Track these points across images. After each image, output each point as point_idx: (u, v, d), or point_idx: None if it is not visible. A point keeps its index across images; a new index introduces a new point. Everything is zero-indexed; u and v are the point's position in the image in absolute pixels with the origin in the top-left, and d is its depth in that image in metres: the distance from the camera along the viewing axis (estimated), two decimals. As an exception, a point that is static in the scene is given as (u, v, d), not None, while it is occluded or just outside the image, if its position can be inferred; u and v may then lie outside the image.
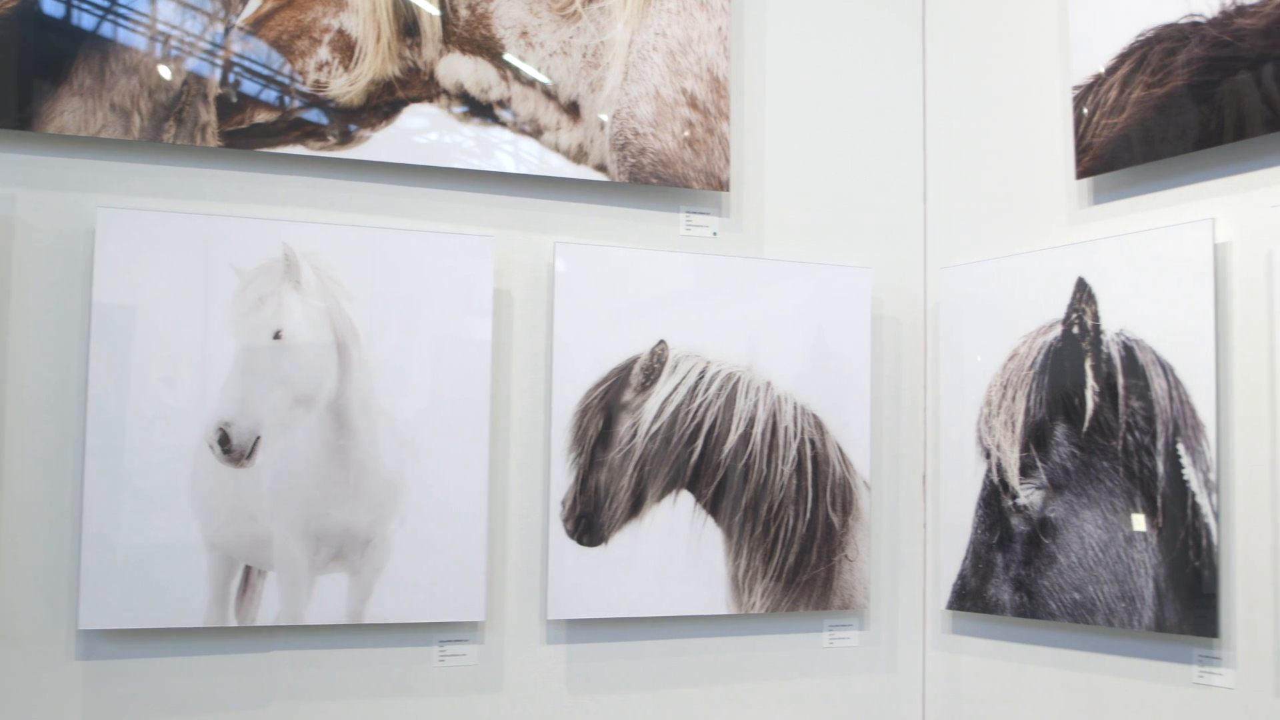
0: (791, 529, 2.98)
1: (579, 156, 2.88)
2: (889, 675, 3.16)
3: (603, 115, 2.90)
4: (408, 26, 2.76)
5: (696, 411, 2.91)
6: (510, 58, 2.83)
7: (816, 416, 3.03)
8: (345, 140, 2.72)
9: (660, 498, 2.88)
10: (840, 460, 3.04)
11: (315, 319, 2.64)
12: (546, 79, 2.86)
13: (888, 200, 3.28)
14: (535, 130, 2.85)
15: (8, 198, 2.55)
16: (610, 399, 2.86)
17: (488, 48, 2.82)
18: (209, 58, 2.62)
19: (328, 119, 2.71)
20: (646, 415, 2.88)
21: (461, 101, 2.81)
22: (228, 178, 2.70)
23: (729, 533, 2.93)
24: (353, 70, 2.72)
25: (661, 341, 2.91)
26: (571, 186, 2.95)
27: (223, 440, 2.56)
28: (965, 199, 3.19)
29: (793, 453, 2.99)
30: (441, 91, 2.79)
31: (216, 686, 2.63)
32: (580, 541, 2.83)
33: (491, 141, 2.83)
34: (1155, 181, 2.69)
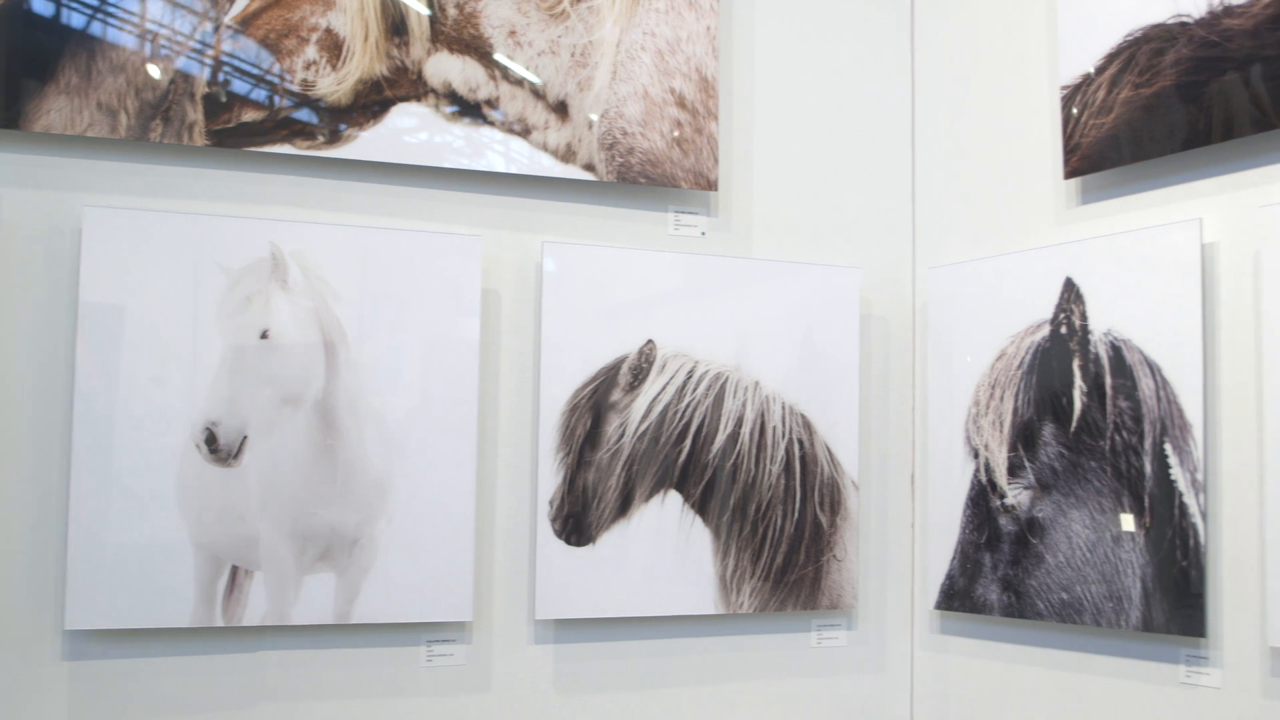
0: (780, 529, 2.98)
1: (567, 156, 2.87)
2: (877, 675, 3.16)
3: (591, 115, 2.90)
4: (395, 26, 2.76)
5: (685, 411, 2.91)
6: (499, 57, 2.83)
7: (805, 416, 3.03)
8: (333, 139, 2.72)
9: (648, 497, 2.88)
10: (828, 460, 3.04)
11: (302, 318, 2.64)
12: (535, 78, 2.85)
13: (876, 200, 3.28)
14: (523, 130, 2.85)
15: (-6, 197, 2.56)
16: (598, 399, 2.86)
17: (476, 47, 2.82)
18: (196, 56, 2.62)
19: (315, 118, 2.70)
20: (634, 415, 2.87)
21: (449, 101, 2.80)
22: (215, 177, 2.70)
23: (717, 532, 2.93)
24: (340, 69, 2.72)
25: (650, 341, 2.90)
26: (559, 186, 2.95)
27: (209, 440, 2.56)
28: (954, 199, 3.19)
29: (781, 452, 2.99)
30: (429, 91, 2.79)
31: (203, 687, 2.62)
32: (568, 541, 2.82)
33: (480, 141, 2.83)
34: (1143, 181, 2.69)
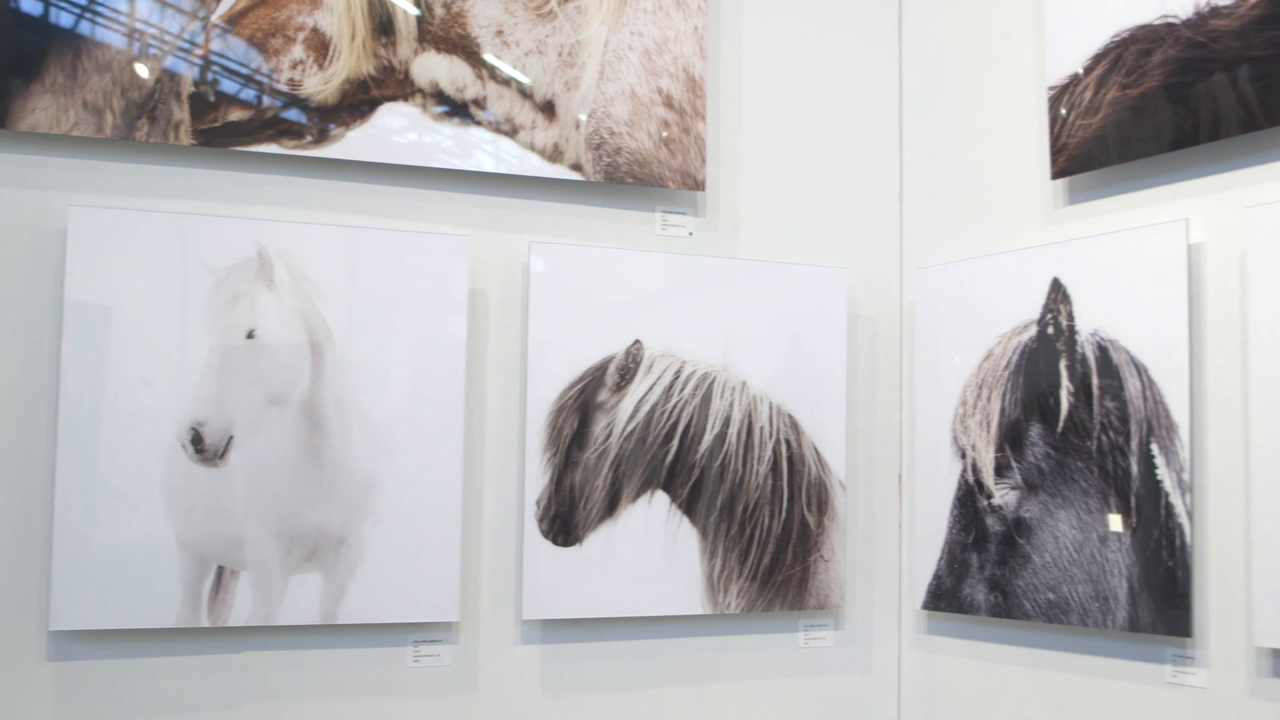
0: (767, 529, 2.98)
1: (554, 156, 2.87)
2: (864, 675, 3.16)
3: (578, 114, 2.89)
4: (382, 25, 2.75)
5: (672, 411, 2.91)
6: (486, 57, 2.83)
7: (792, 416, 3.03)
8: (319, 139, 2.71)
9: (635, 498, 2.88)
10: (816, 460, 3.04)
11: (289, 318, 2.63)
12: (523, 77, 2.85)
13: (864, 200, 3.28)
14: (511, 129, 2.84)
15: (-22, 196, 2.55)
16: (585, 399, 2.86)
17: (463, 46, 2.81)
18: (182, 56, 2.61)
19: (302, 117, 2.70)
20: (622, 415, 2.87)
21: (437, 100, 2.80)
22: (201, 176, 2.69)
23: (704, 533, 2.93)
24: (327, 69, 2.71)
25: (637, 341, 2.90)
26: (547, 186, 2.95)
27: (195, 440, 2.55)
28: (941, 199, 3.19)
29: (768, 453, 2.99)
30: (416, 90, 2.78)
31: (189, 687, 2.62)
32: (555, 542, 2.82)
33: (466, 140, 2.83)
34: (1130, 182, 2.69)
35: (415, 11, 2.77)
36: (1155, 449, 2.52)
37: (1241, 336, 2.44)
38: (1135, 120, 2.60)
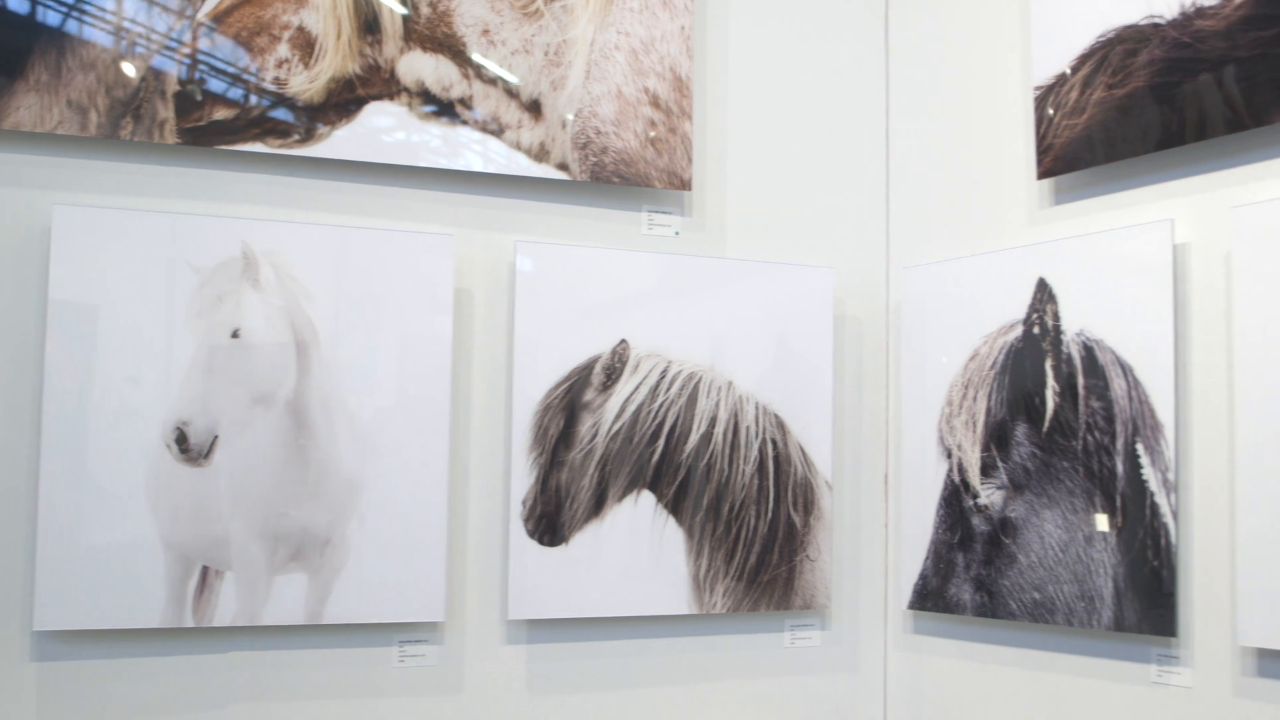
0: (753, 529, 2.98)
1: (540, 155, 2.87)
2: (850, 675, 3.16)
3: (565, 114, 2.89)
4: (368, 24, 2.75)
5: (658, 411, 2.91)
6: (472, 56, 2.82)
7: (778, 416, 3.02)
8: (305, 138, 2.71)
9: (621, 498, 2.87)
10: (802, 460, 3.04)
11: (274, 317, 2.63)
12: (509, 76, 2.85)
13: (850, 200, 3.28)
14: (497, 129, 2.84)
15: (-38, 194, 2.54)
16: (572, 398, 2.85)
17: (449, 45, 2.81)
18: (167, 54, 2.60)
19: (287, 116, 2.69)
20: (608, 415, 2.87)
21: (423, 99, 2.79)
22: (186, 175, 2.68)
23: (690, 532, 2.93)
24: (313, 67, 2.71)
25: (623, 341, 2.90)
26: (533, 185, 2.94)
27: (180, 439, 2.54)
28: (927, 199, 3.19)
29: (754, 452, 2.99)
30: (402, 89, 2.78)
31: (173, 688, 2.61)
32: (541, 541, 2.82)
33: (452, 139, 2.82)
34: (1116, 182, 2.70)
35: (402, 10, 2.76)
36: (1140, 449, 2.53)
37: (1226, 336, 2.45)
38: (1121, 120, 2.61)
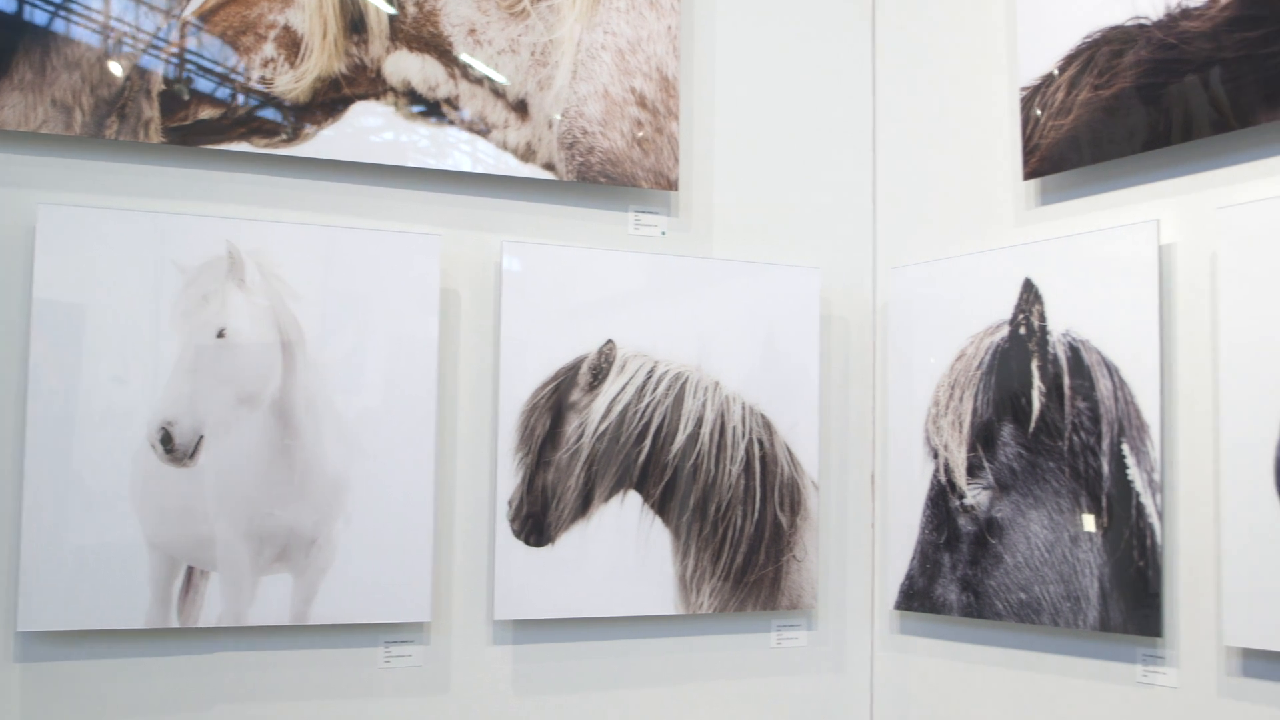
0: (739, 529, 2.97)
1: (527, 155, 2.86)
2: (837, 675, 3.16)
3: (551, 114, 2.89)
4: (354, 23, 2.74)
5: (644, 411, 2.91)
6: (458, 55, 2.82)
7: (765, 416, 3.02)
8: (291, 138, 2.70)
9: (608, 498, 2.87)
10: (788, 460, 3.04)
11: (260, 317, 2.62)
12: (496, 75, 2.84)
13: (837, 200, 3.28)
14: (483, 128, 2.84)
15: (-55, 194, 2.53)
16: (558, 399, 2.85)
17: (435, 45, 2.80)
18: (152, 53, 2.60)
19: (273, 116, 2.68)
20: (594, 415, 2.87)
21: (409, 99, 2.79)
22: (171, 174, 2.67)
23: (677, 533, 2.92)
24: (299, 67, 2.70)
25: (609, 341, 2.90)
26: (519, 185, 2.94)
27: (165, 440, 2.54)
28: (914, 199, 3.19)
29: (741, 453, 2.99)
30: (389, 89, 2.77)
31: (158, 689, 2.60)
32: (527, 542, 2.81)
33: (439, 139, 2.82)
34: (1102, 183, 2.70)
35: (389, 10, 2.76)
36: (1126, 449, 2.53)
37: (1212, 337, 2.45)
38: (1107, 121, 2.61)
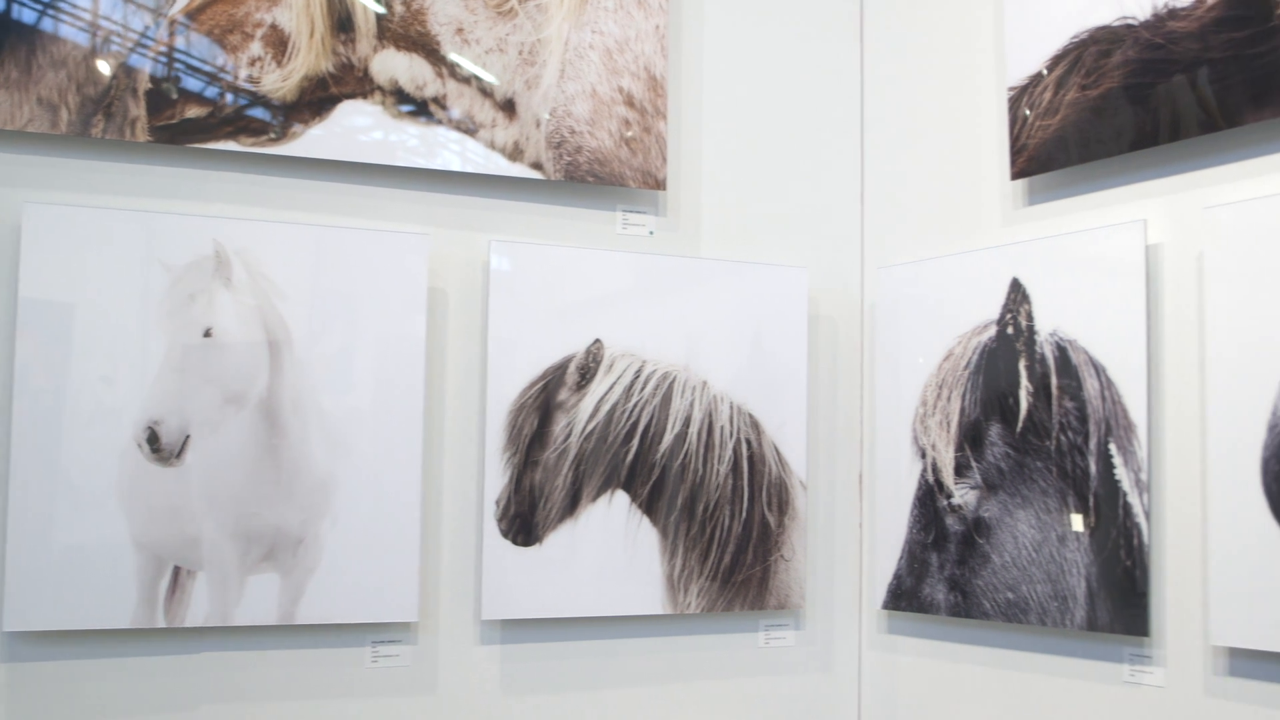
0: (727, 529, 2.97)
1: (515, 154, 2.86)
2: (824, 675, 3.16)
3: (539, 113, 2.88)
4: (341, 22, 2.74)
5: (632, 411, 2.90)
6: (446, 54, 2.81)
7: (753, 416, 3.02)
8: (278, 137, 2.69)
9: (595, 497, 2.87)
10: (776, 460, 3.04)
11: (246, 316, 2.61)
12: (484, 74, 2.84)
13: (825, 200, 3.28)
14: (471, 127, 2.83)
15: (-70, 192, 2.52)
16: (546, 398, 2.85)
17: (423, 44, 2.80)
18: (139, 52, 2.59)
19: (260, 115, 2.68)
20: (582, 414, 2.86)
21: (396, 98, 2.78)
22: (158, 173, 2.67)
23: (664, 532, 2.92)
24: (285, 66, 2.69)
25: (597, 340, 2.89)
26: (507, 184, 2.94)
27: (151, 439, 2.53)
28: (902, 199, 3.19)
29: (729, 452, 2.99)
30: (376, 88, 2.77)
31: (144, 689, 2.60)
32: (515, 541, 2.81)
33: (426, 138, 2.81)
34: (1089, 183, 2.70)
35: (377, 9, 2.75)
36: (1113, 449, 2.53)
37: (1199, 337, 2.45)
38: (1094, 121, 2.61)
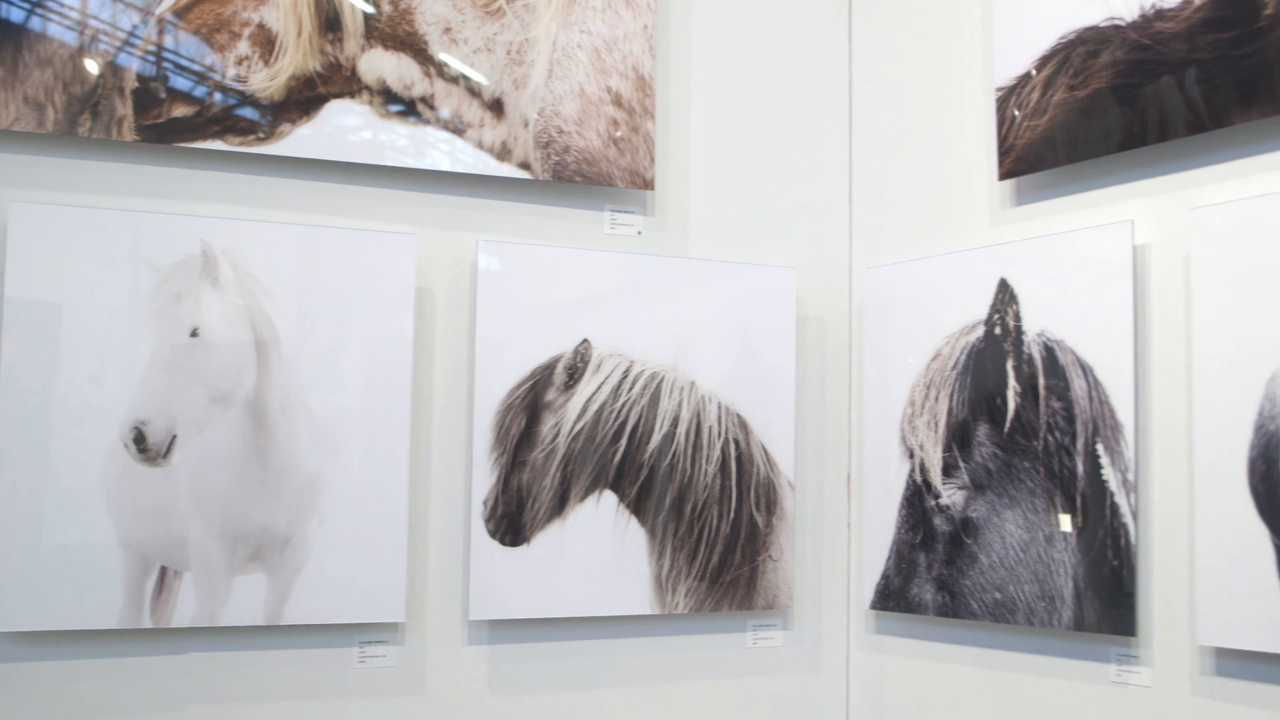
0: (715, 529, 2.97)
1: (502, 154, 2.86)
2: (813, 675, 3.16)
3: (527, 113, 2.88)
4: (329, 21, 2.73)
5: (620, 411, 2.90)
6: (434, 54, 2.81)
7: (741, 416, 3.02)
8: (265, 136, 2.69)
9: (583, 497, 2.87)
10: (764, 460, 3.04)
11: (233, 316, 2.61)
12: (472, 74, 2.83)
13: (813, 200, 3.28)
14: (458, 127, 2.83)
15: (-85, 191, 2.52)
16: (534, 398, 2.84)
17: (410, 44, 2.79)
18: (126, 50, 2.58)
19: (247, 114, 2.67)
20: (570, 414, 2.86)
21: (384, 98, 2.78)
22: (145, 173, 2.66)
23: (652, 533, 2.92)
24: (273, 65, 2.69)
25: (585, 340, 2.89)
26: (495, 184, 2.93)
27: (138, 439, 2.52)
28: (890, 199, 3.20)
29: (717, 452, 2.99)
30: (364, 87, 2.76)
31: (130, 689, 2.59)
32: (502, 542, 2.81)
33: (414, 138, 2.81)
34: (1077, 183, 2.71)
35: (366, 8, 2.75)
36: (1101, 449, 2.54)
37: (1186, 337, 2.46)
38: (1082, 121, 2.61)
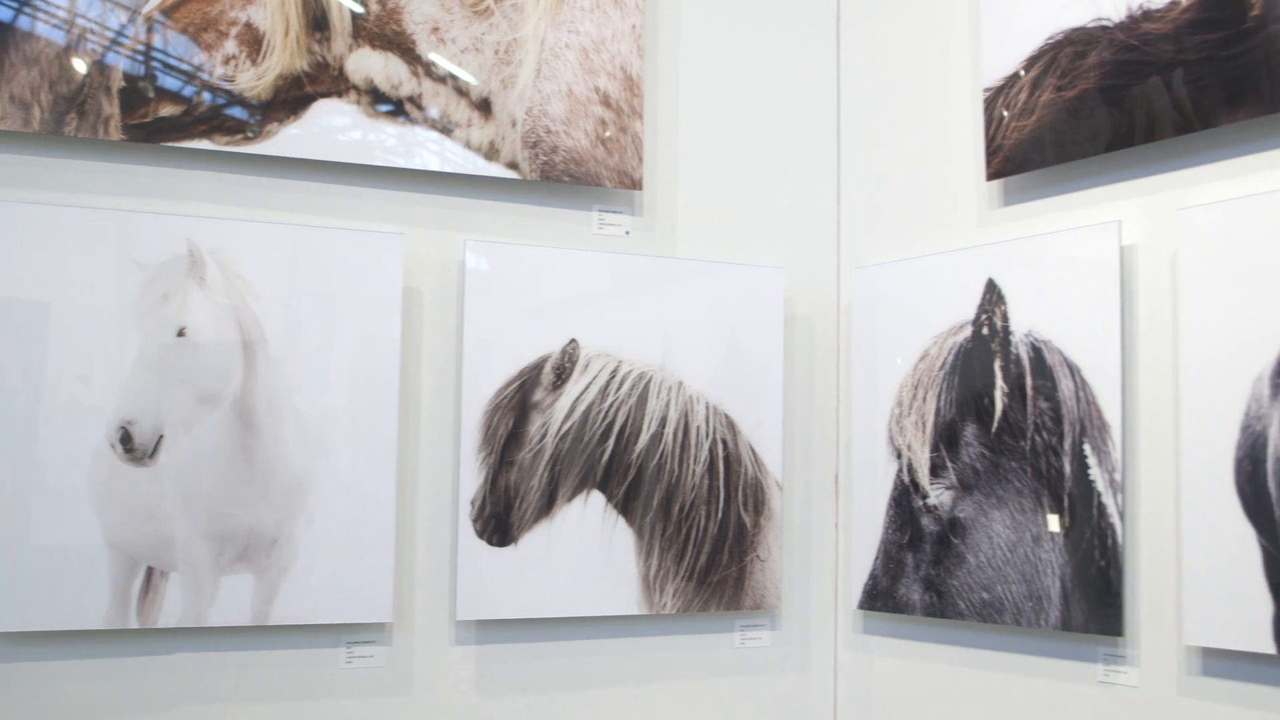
0: (703, 529, 2.97)
1: (490, 154, 2.85)
2: (800, 675, 3.16)
3: (515, 113, 2.88)
4: (317, 21, 2.73)
5: (608, 411, 2.90)
6: (422, 53, 2.80)
7: (729, 416, 3.02)
8: (252, 135, 2.68)
9: (571, 498, 2.86)
10: (752, 460, 3.04)
11: (220, 316, 2.60)
12: (460, 73, 2.83)
13: (801, 200, 3.28)
14: (446, 127, 2.83)
15: (-100, 190, 2.51)
16: (521, 398, 2.84)
17: (398, 43, 2.79)
18: (113, 49, 2.58)
19: (234, 113, 2.67)
20: (557, 415, 2.86)
21: (372, 97, 2.77)
22: (131, 172, 2.66)
23: (640, 533, 2.92)
24: (260, 64, 2.68)
25: (573, 340, 2.89)
26: (483, 184, 2.93)
27: (125, 439, 2.52)
28: (878, 200, 3.20)
29: (705, 453, 2.99)
30: (351, 87, 2.76)
31: (117, 690, 2.58)
32: (490, 542, 2.80)
33: (402, 137, 2.80)
34: (1064, 184, 2.71)
35: (354, 8, 2.74)
36: (1088, 449, 2.54)
37: (1173, 338, 2.46)
38: (1070, 122, 2.62)
